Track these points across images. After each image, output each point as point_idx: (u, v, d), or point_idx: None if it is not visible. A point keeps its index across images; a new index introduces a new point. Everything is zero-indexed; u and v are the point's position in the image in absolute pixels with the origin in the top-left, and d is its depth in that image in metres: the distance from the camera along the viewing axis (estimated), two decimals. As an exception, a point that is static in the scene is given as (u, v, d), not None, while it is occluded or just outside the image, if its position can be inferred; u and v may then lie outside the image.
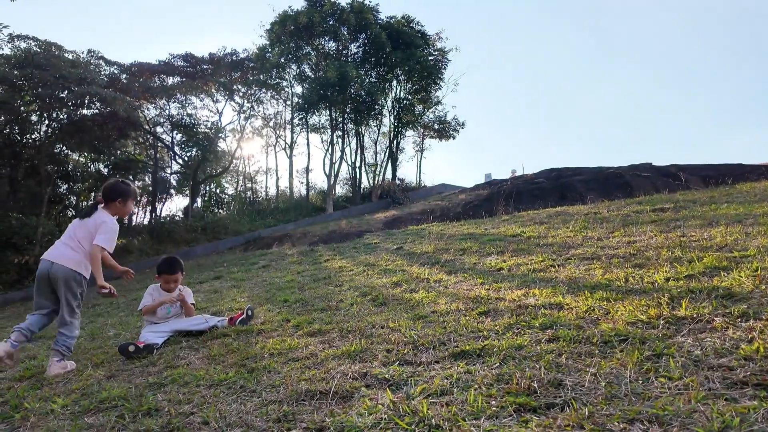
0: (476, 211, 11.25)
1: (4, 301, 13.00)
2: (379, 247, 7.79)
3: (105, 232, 3.15)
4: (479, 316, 2.89)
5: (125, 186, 3.37)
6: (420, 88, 24.87)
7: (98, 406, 2.19)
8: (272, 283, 6.10)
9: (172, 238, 19.23)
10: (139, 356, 3.10)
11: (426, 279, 4.40)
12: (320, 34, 22.42)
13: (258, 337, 3.23)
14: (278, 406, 1.88)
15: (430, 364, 2.18)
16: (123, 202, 3.30)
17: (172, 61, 23.77)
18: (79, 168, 26.05)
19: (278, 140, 30.34)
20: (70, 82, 17.19)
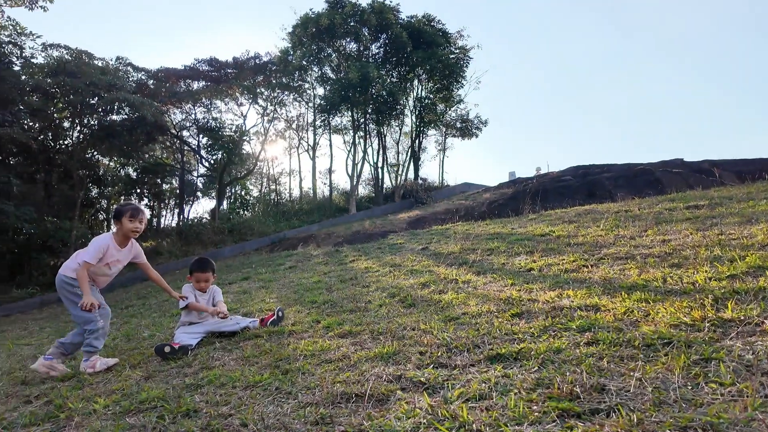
0: (501, 210, 11.11)
1: (42, 303, 13.45)
2: (404, 248, 7.76)
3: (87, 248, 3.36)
4: (512, 318, 2.85)
5: (119, 207, 3.52)
6: (442, 86, 24.73)
7: (138, 407, 2.24)
8: (300, 283, 6.13)
9: (200, 240, 19.60)
10: (174, 357, 3.16)
11: (454, 280, 4.36)
12: (341, 35, 22.51)
13: (290, 338, 3.25)
14: (315, 409, 1.89)
15: (466, 367, 2.15)
16: (118, 221, 3.42)
17: (197, 66, 24.26)
18: (109, 172, 26.85)
19: (301, 142, 30.66)
20: (100, 89, 17.71)
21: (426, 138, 27.83)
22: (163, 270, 15.20)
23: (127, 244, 3.49)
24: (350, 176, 24.39)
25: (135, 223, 3.41)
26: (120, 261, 3.46)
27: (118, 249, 3.42)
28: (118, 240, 3.44)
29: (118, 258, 3.43)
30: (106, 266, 3.38)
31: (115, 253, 3.40)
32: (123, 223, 3.39)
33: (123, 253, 3.47)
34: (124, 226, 3.39)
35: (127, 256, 3.52)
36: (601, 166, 13.80)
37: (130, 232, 3.41)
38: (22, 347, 5.39)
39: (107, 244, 3.35)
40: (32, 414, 2.37)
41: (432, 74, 24.08)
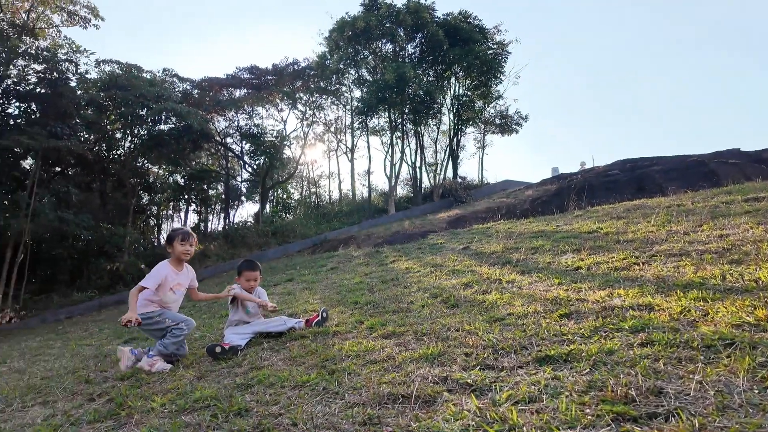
0: (545, 207, 10.84)
1: (100, 305, 14.21)
2: (445, 248, 7.70)
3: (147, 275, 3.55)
4: (561, 318, 2.77)
5: (171, 232, 3.77)
6: (480, 83, 24.38)
7: (193, 406, 2.32)
8: (342, 284, 6.20)
9: (245, 243, 20.16)
10: (224, 357, 3.27)
11: (498, 280, 4.29)
12: (377, 37, 22.60)
13: (334, 338, 3.29)
14: (362, 409, 1.90)
15: (514, 369, 2.11)
16: (170, 245, 3.66)
17: (238, 74, 25.00)
18: (159, 180, 28.09)
19: (339, 144, 31.03)
20: (148, 100, 18.56)
21: (464, 136, 27.57)
22: (211, 272, 15.76)
23: (183, 267, 3.71)
24: (388, 177, 24.46)
25: (186, 246, 3.62)
26: (181, 284, 3.68)
27: (176, 273, 3.63)
28: (174, 264, 3.65)
29: (178, 281, 3.64)
30: (171, 291, 3.59)
31: (174, 277, 3.60)
32: (175, 247, 3.61)
33: (182, 276, 3.67)
34: (176, 250, 3.61)
35: (187, 278, 3.74)
36: (650, 158, 13.22)
37: (182, 254, 3.62)
38: (84, 347, 5.71)
39: (165, 270, 3.56)
40: (96, 411, 2.50)
41: (469, 71, 23.80)
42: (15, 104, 17.86)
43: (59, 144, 15.89)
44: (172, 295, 3.58)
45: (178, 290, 3.62)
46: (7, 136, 15.19)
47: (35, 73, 17.55)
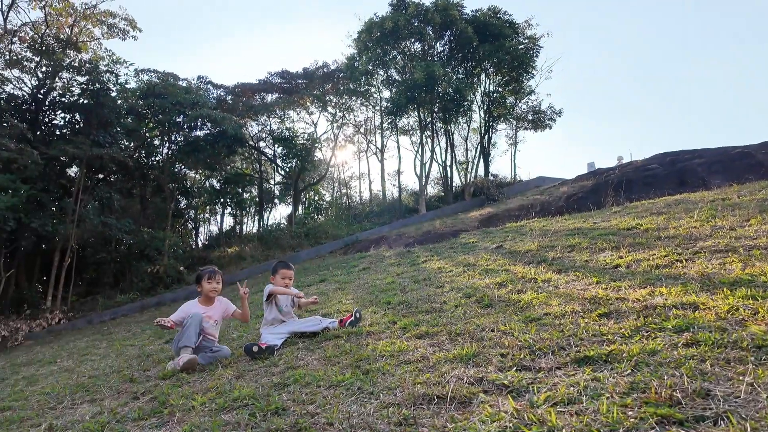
0: (581, 203, 10.58)
1: (142, 307, 14.74)
2: (477, 247, 7.62)
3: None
4: (600, 318, 2.70)
5: (199, 272, 4.01)
6: (511, 78, 24.01)
7: (232, 404, 2.38)
8: (374, 285, 6.21)
9: (279, 245, 20.50)
10: (261, 357, 3.33)
11: (533, 279, 4.21)
12: (405, 36, 22.57)
13: (368, 338, 3.30)
14: (398, 409, 1.90)
15: (551, 370, 2.07)
16: (199, 284, 3.93)
17: (270, 79, 25.46)
18: (195, 184, 28.91)
19: (369, 145, 31.17)
20: (184, 107, 19.11)
21: (495, 133, 27.18)
22: (246, 274, 16.09)
23: (213, 302, 3.94)
24: (418, 176, 24.37)
25: (213, 284, 3.89)
26: (211, 317, 3.86)
27: (205, 308, 3.87)
28: (203, 302, 3.92)
29: (207, 314, 3.83)
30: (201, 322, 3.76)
31: (202, 311, 3.82)
32: (203, 285, 3.88)
33: (211, 310, 3.89)
34: (204, 288, 3.88)
35: (218, 311, 3.94)
36: (692, 151, 12.69)
37: (209, 292, 3.89)
38: (127, 347, 5.93)
39: (192, 307, 3.84)
40: (140, 409, 2.59)
41: (500, 67, 23.47)
42: (60, 115, 18.76)
43: (102, 152, 16.57)
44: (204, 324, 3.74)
45: (206, 322, 3.79)
46: (54, 146, 15.95)
47: (78, 84, 18.35)
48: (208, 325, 3.79)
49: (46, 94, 17.85)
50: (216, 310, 3.93)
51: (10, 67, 17.26)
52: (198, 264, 20.27)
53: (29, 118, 17.38)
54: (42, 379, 4.77)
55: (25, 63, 17.41)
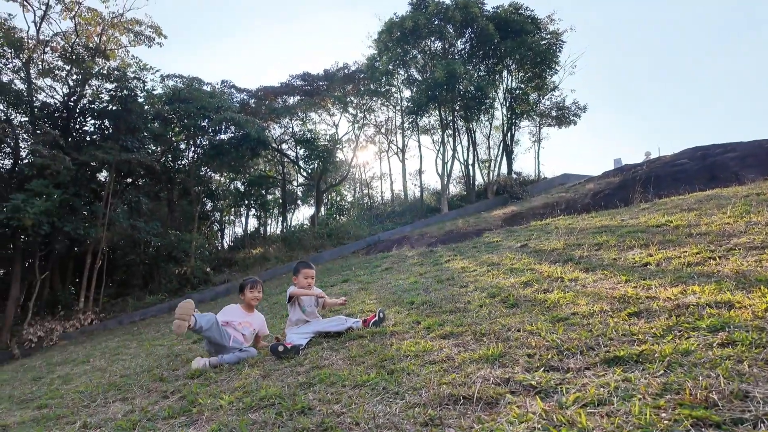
0: (608, 200, 10.35)
1: (170, 307, 15.04)
2: (501, 246, 7.53)
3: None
4: (630, 317, 2.63)
5: (242, 281, 4.21)
6: (533, 75, 23.68)
7: (259, 404, 2.40)
8: (397, 285, 6.20)
9: (302, 245, 20.67)
10: (287, 356, 3.36)
11: (559, 278, 4.13)
12: (426, 35, 22.48)
13: (392, 338, 3.29)
14: (423, 410, 1.89)
15: (580, 370, 2.02)
16: (242, 293, 4.15)
17: (291, 82, 25.73)
18: (220, 187, 29.43)
19: (390, 145, 31.18)
20: (209, 111, 19.46)
21: (518, 130, 26.83)
22: (270, 275, 16.29)
23: (253, 311, 4.15)
24: (440, 175, 24.23)
25: (254, 293, 4.11)
26: (250, 323, 4.03)
27: (246, 314, 4.07)
28: (245, 307, 4.12)
29: (247, 320, 4.01)
30: (240, 325, 3.92)
31: (243, 315, 4.02)
32: (246, 294, 4.10)
33: (250, 317, 4.07)
34: (246, 296, 4.09)
35: (255, 320, 4.11)
36: (723, 145, 12.27)
37: (251, 300, 4.10)
38: (157, 347, 6.06)
39: (231, 307, 4.10)
40: (170, 408, 2.64)
41: (522, 63, 23.18)
42: (91, 121, 19.33)
43: (130, 157, 17.00)
44: (242, 330, 3.91)
45: (246, 328, 3.95)
46: (84, 152, 16.45)
47: (107, 91, 18.90)
48: (246, 330, 3.94)
49: (76, 101, 18.43)
50: (255, 319, 4.11)
51: (43, 76, 17.88)
52: (224, 265, 20.64)
53: (61, 125, 17.96)
54: (76, 378, 4.92)
55: (56, 72, 18.02)
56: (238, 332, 3.87)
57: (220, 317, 3.86)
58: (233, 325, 3.89)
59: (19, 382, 5.79)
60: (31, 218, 13.67)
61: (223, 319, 3.86)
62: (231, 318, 3.93)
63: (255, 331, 4.07)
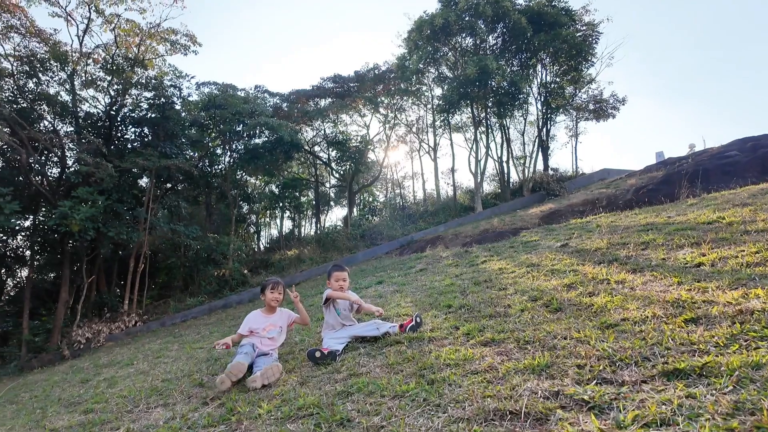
0: (652, 196, 9.90)
1: (209, 309, 15.40)
2: (540, 245, 7.29)
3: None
4: (687, 324, 2.45)
5: (264, 282, 4.19)
6: (569, 68, 22.97)
7: (297, 413, 2.36)
8: (432, 287, 6.09)
9: (336, 246, 20.77)
10: (324, 362, 3.32)
11: (605, 279, 3.93)
12: (456, 32, 22.16)
13: (430, 345, 3.20)
14: (467, 425, 1.79)
15: (636, 384, 1.88)
16: (263, 294, 4.13)
17: (323, 85, 25.92)
18: (256, 190, 29.99)
19: (422, 145, 30.92)
20: (243, 116, 19.83)
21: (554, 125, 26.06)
22: (305, 276, 16.43)
23: (275, 311, 4.11)
24: (473, 174, 23.85)
25: (275, 294, 4.08)
26: (274, 324, 4.02)
27: (267, 316, 4.04)
28: (265, 311, 4.09)
29: (270, 323, 4.00)
30: (264, 330, 3.92)
31: (264, 320, 4.00)
32: (266, 295, 4.08)
33: (273, 318, 4.05)
34: (267, 297, 4.07)
35: (280, 319, 4.10)
36: (777, 135, 11.53)
37: (271, 301, 4.06)
38: (197, 350, 6.17)
39: (252, 314, 4.05)
40: (209, 416, 2.64)
41: (557, 57, 22.54)
42: (131, 129, 20.01)
43: (169, 163, 17.49)
44: (266, 335, 3.91)
45: (272, 330, 3.95)
46: (126, 159, 17.03)
47: (146, 100, 19.52)
48: (273, 333, 3.93)
49: (117, 110, 19.12)
50: (278, 318, 4.08)
51: (86, 87, 18.63)
52: (260, 267, 20.98)
53: (104, 133, 18.67)
54: (120, 381, 5.04)
55: (98, 83, 18.73)
56: (265, 338, 3.88)
57: (244, 328, 3.89)
58: (257, 332, 3.90)
59: (68, 384, 6.01)
60: (77, 224, 14.26)
61: (247, 329, 3.88)
62: (254, 326, 3.94)
63: (282, 329, 4.06)
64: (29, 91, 17.67)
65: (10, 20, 15.60)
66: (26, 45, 16.64)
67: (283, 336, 4.07)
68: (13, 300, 21.35)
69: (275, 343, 3.90)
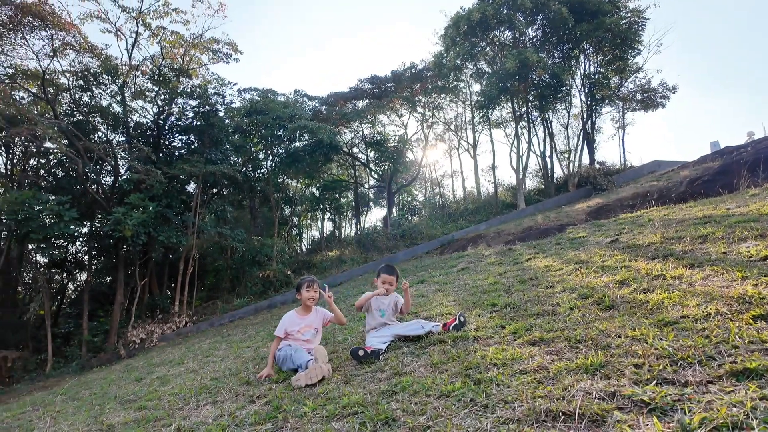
0: (708, 187, 9.35)
1: (255, 310, 15.78)
2: (588, 242, 7.01)
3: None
4: (755, 320, 2.27)
5: (299, 281, 4.15)
6: (614, 57, 22.06)
7: (341, 412, 2.35)
8: (475, 285, 5.97)
9: (376, 247, 20.84)
10: (367, 361, 3.30)
11: (660, 275, 3.72)
12: (494, 26, 21.75)
13: (475, 344, 3.12)
14: (517, 426, 1.72)
15: (702, 384, 1.75)
16: (298, 293, 4.10)
17: (360, 86, 26.09)
18: (297, 193, 30.56)
19: (460, 142, 30.59)
20: (284, 121, 20.23)
21: (599, 117, 25.12)
22: (347, 277, 16.56)
23: (310, 311, 4.08)
24: (515, 170, 23.34)
25: (311, 292, 4.03)
26: (309, 325, 4.02)
27: (302, 317, 4.03)
28: (300, 311, 4.07)
29: (306, 323, 3.99)
30: (299, 332, 3.94)
31: (299, 321, 3.99)
32: (302, 293, 4.05)
33: (308, 319, 4.03)
34: (303, 296, 4.04)
35: (316, 319, 4.08)
36: None
37: (307, 300, 4.03)
38: (244, 350, 6.31)
39: (288, 316, 4.02)
40: (256, 413, 2.68)
41: (600, 46, 21.72)
42: (178, 137, 20.86)
43: (215, 168, 18.11)
44: (301, 336, 3.92)
45: (307, 332, 3.95)
46: (174, 166, 17.76)
47: (191, 108, 20.31)
48: (309, 334, 3.95)
49: (165, 119, 19.95)
50: (314, 318, 4.07)
51: (135, 98, 19.56)
52: (303, 268, 21.34)
53: (152, 142, 19.54)
54: (172, 379, 5.22)
55: (147, 93, 19.62)
56: (299, 339, 3.90)
57: (280, 330, 3.90)
58: (293, 335, 3.91)
59: (124, 382, 6.29)
60: (130, 229, 14.97)
61: (284, 331, 3.90)
62: (290, 328, 3.94)
63: (317, 330, 4.05)
64: (84, 104, 18.74)
65: (65, 38, 16.55)
66: (80, 60, 17.64)
67: (318, 337, 4.07)
68: (73, 302, 22.71)
69: (310, 345, 3.90)
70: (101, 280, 22.81)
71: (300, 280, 4.16)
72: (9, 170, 18.15)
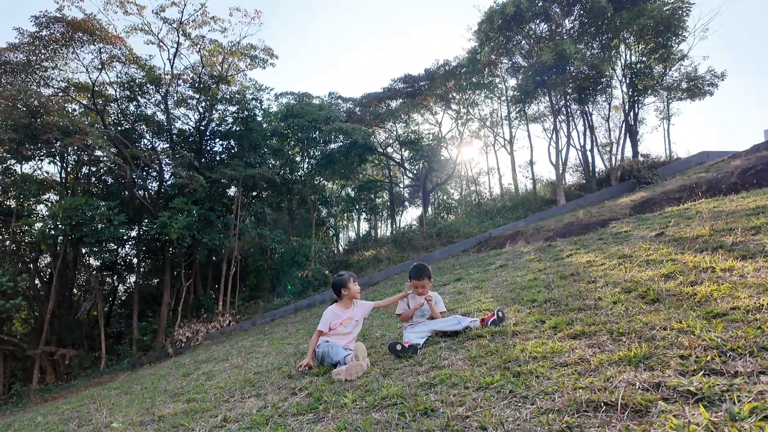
0: (761, 178, 8.87)
1: (295, 309, 16.10)
2: (632, 236, 6.79)
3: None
4: (812, 312, 2.16)
5: (338, 278, 4.12)
6: (656, 45, 21.15)
7: (381, 403, 2.39)
8: (514, 282, 5.90)
9: (412, 246, 20.84)
10: (405, 355, 3.34)
11: (708, 268, 3.58)
12: (529, 19, 21.30)
13: (514, 338, 3.10)
14: (558, 416, 1.71)
15: (753, 375, 1.69)
16: (346, 288, 4.05)
17: (393, 86, 26.13)
18: (333, 194, 30.95)
19: (496, 138, 30.11)
20: (319, 123, 20.56)
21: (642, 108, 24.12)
22: (384, 276, 16.65)
23: (351, 305, 4.08)
24: (554, 165, 22.77)
25: (357, 285, 4.10)
26: (351, 318, 4.03)
27: (344, 311, 4.03)
28: (341, 305, 4.07)
29: (348, 317, 4.00)
30: (341, 326, 3.96)
31: (341, 314, 3.99)
32: (350, 288, 4.05)
33: (350, 312, 4.04)
34: (351, 290, 4.05)
35: (358, 312, 4.10)
36: None
37: (357, 293, 4.10)
38: (285, 346, 6.47)
39: (330, 311, 4.01)
40: (298, 405, 2.76)
41: (642, 35, 20.88)
42: (218, 142, 21.58)
43: (254, 172, 18.62)
44: (343, 330, 3.95)
45: (348, 324, 3.98)
46: (215, 170, 18.37)
47: (231, 114, 20.95)
48: (350, 327, 3.99)
49: (206, 125, 20.66)
50: (356, 311, 4.08)
51: (177, 106, 20.34)
52: (340, 267, 21.58)
53: (195, 148, 20.27)
54: (217, 374, 5.42)
55: (188, 101, 20.37)
56: (341, 333, 3.92)
57: (324, 324, 3.91)
58: (335, 328, 3.92)
59: (172, 377, 6.57)
60: (176, 232, 15.58)
61: (327, 326, 3.92)
62: (333, 321, 3.94)
63: (358, 322, 4.08)
64: (130, 113, 19.65)
65: (112, 51, 17.40)
66: (126, 72, 18.52)
67: (358, 328, 4.11)
68: (124, 303, 23.84)
69: (350, 336, 3.95)
70: (149, 281, 23.83)
71: (341, 275, 4.13)
72: (63, 178, 19.23)
